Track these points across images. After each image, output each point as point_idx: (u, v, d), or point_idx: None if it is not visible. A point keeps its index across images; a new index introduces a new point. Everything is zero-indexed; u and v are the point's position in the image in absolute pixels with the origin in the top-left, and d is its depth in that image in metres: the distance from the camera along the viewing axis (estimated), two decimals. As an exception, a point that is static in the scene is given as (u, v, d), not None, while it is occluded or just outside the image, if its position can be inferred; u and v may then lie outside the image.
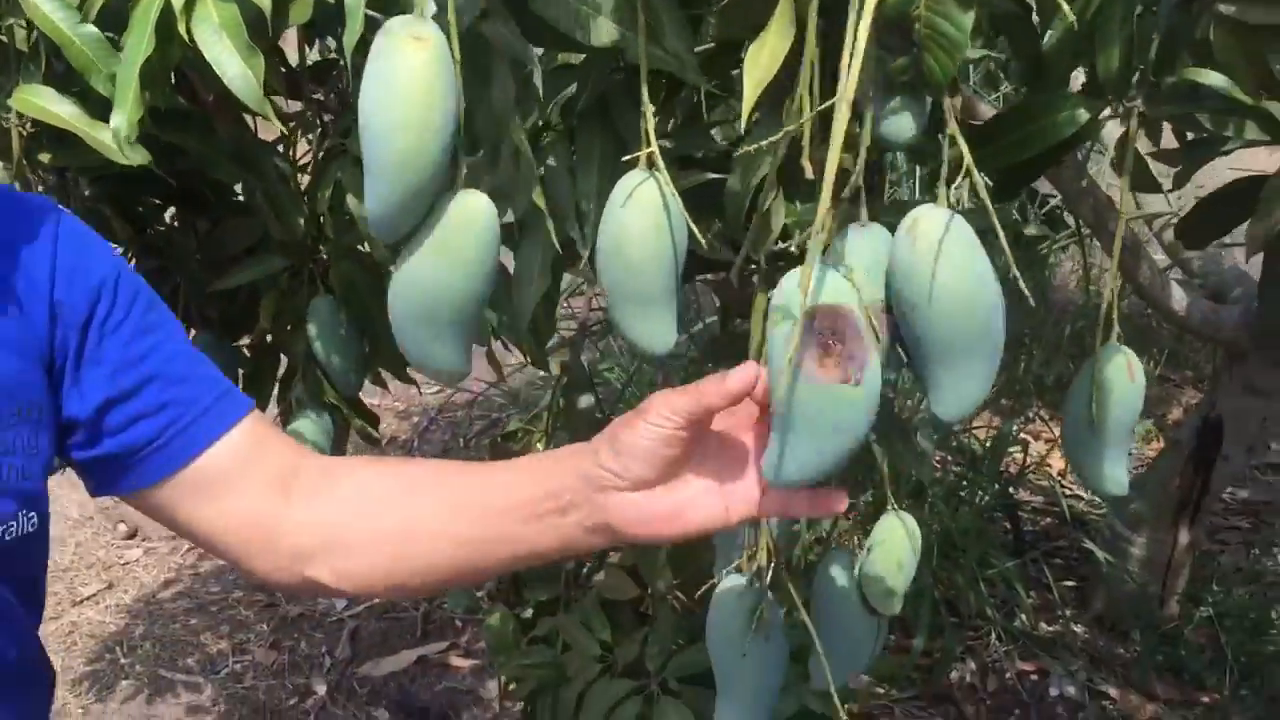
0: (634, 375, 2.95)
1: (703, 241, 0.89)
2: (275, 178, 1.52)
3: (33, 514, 0.81)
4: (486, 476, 0.87)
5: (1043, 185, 3.42)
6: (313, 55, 1.67)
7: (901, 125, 0.94)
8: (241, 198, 1.59)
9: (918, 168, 3.08)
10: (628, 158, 0.88)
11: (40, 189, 1.38)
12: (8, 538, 0.79)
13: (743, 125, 0.77)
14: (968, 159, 0.79)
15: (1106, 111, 1.13)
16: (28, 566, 0.85)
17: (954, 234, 0.76)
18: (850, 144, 0.78)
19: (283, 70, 1.53)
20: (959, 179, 0.81)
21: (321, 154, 1.54)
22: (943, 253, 0.75)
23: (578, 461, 0.77)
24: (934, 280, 0.75)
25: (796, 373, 0.67)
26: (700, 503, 0.75)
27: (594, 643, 1.55)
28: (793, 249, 0.96)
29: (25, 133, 1.31)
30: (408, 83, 0.79)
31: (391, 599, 2.83)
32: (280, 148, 1.58)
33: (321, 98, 1.61)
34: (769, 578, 1.01)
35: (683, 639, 1.52)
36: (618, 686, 1.46)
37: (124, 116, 1.14)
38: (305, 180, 1.60)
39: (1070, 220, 3.42)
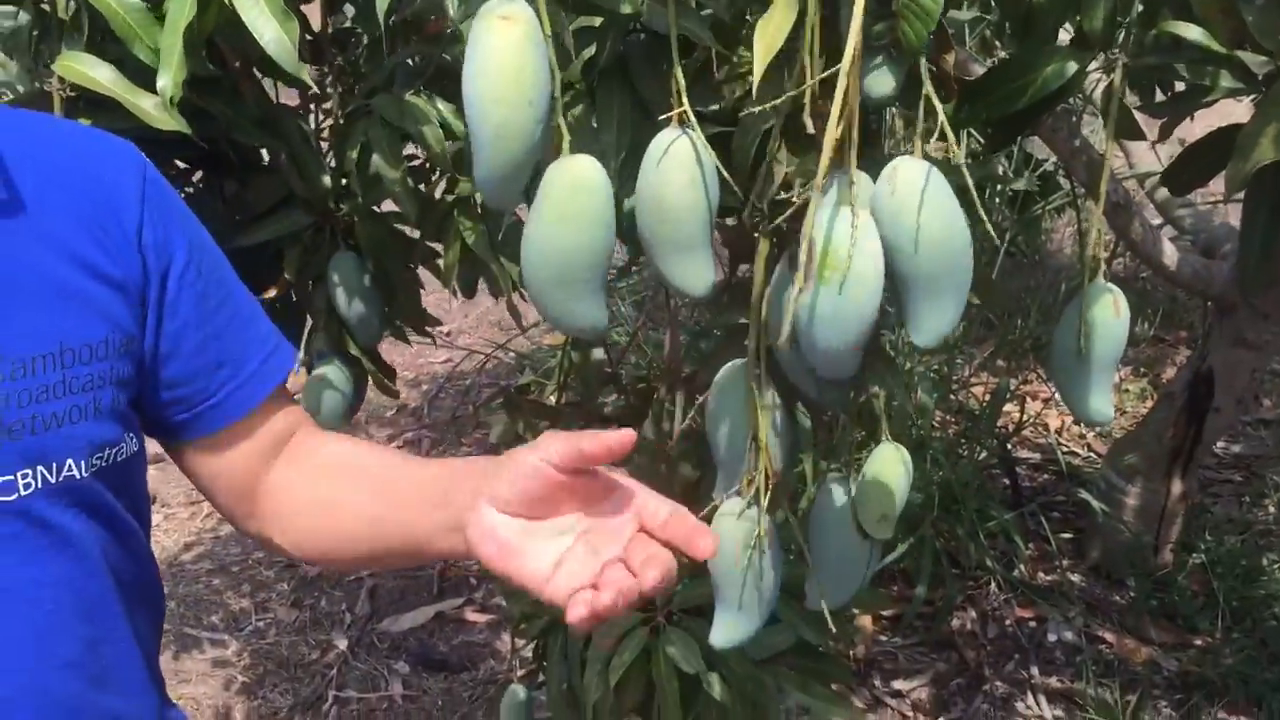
0: (637, 332, 3.02)
1: (737, 191, 0.96)
2: (299, 139, 1.58)
3: (132, 434, 0.87)
4: (417, 465, 0.92)
5: (1040, 150, 3.48)
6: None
7: (882, 81, 1.02)
8: (266, 160, 1.65)
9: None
10: (663, 117, 0.94)
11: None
12: (119, 458, 0.85)
13: (754, 89, 0.85)
14: (943, 118, 0.86)
15: (1094, 64, 1.19)
16: (136, 485, 0.91)
17: (933, 183, 0.84)
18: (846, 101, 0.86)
19: (307, 37, 1.60)
20: (934, 137, 0.89)
21: (344, 116, 1.61)
22: (924, 200, 0.83)
23: (488, 465, 0.82)
24: (918, 225, 0.84)
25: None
26: (537, 560, 0.76)
27: (604, 579, 1.61)
28: (793, 198, 1.03)
29: (65, 97, 1.37)
30: (499, 60, 0.85)
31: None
32: (302, 111, 1.65)
33: (342, 63, 1.67)
34: (766, 499, 1.09)
35: (687, 574, 1.58)
36: (625, 619, 1.53)
37: (169, 78, 1.21)
38: (325, 142, 1.66)
39: (1066, 184, 3.47)
